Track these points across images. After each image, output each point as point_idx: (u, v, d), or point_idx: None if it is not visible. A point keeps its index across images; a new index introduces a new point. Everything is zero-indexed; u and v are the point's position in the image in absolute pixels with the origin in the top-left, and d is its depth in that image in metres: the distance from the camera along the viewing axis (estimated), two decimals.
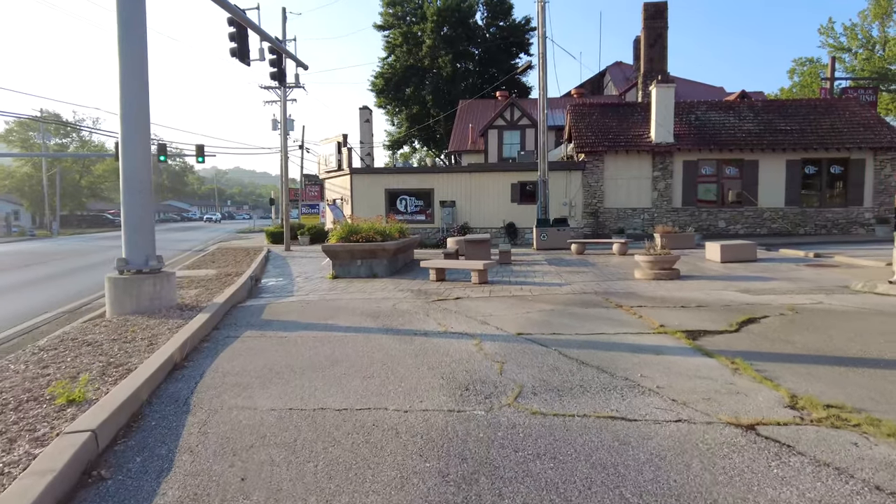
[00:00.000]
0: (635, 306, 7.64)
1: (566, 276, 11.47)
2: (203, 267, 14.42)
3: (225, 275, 12.18)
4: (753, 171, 20.96)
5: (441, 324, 6.76)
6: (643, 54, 28.13)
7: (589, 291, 9.25)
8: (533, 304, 8.03)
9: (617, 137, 21.51)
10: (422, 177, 22.32)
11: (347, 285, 11.02)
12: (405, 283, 11.02)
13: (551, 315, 7.14)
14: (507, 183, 21.51)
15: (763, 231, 20.93)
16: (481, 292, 9.50)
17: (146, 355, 5.14)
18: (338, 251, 12.73)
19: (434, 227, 21.76)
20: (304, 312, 7.73)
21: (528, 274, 11.90)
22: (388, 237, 13.64)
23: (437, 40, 40.92)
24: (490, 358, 5.20)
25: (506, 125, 28.82)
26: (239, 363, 5.22)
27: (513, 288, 9.89)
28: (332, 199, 24.66)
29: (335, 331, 6.45)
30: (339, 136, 24.22)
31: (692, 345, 5.51)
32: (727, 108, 22.95)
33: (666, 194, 21.08)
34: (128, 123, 7.43)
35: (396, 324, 6.79)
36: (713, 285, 9.65)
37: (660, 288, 9.46)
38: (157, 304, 7.31)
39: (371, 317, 7.28)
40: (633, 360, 5.04)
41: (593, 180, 21.18)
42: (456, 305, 8.17)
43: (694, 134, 21.43)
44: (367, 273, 12.81)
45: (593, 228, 21.10)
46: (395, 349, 5.57)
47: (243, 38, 12.10)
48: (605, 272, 11.89)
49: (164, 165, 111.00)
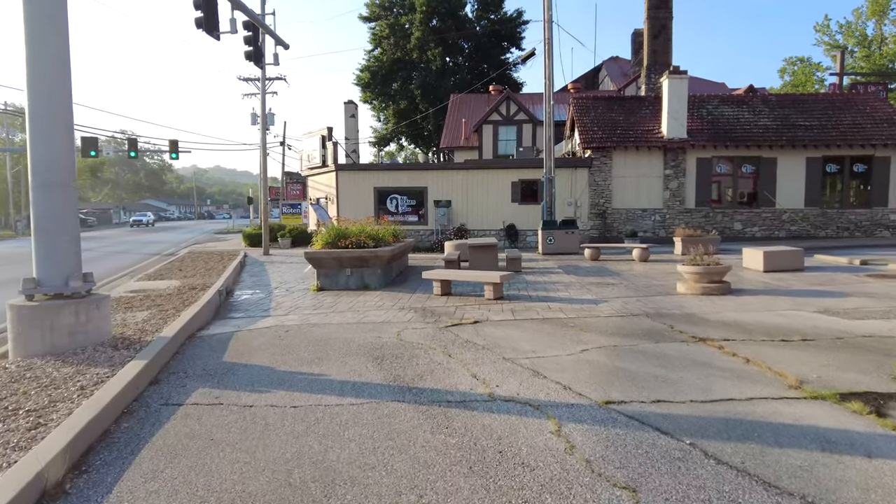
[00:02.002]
0: (719, 339, 5.88)
1: (594, 289, 9.76)
2: (166, 277, 12.44)
3: (189, 288, 10.25)
4: (771, 169, 19.50)
5: (476, 375, 4.82)
6: (646, 46, 26.56)
7: (637, 312, 7.53)
8: (580, 335, 6.25)
9: (626, 132, 19.90)
10: (414, 174, 20.48)
11: (335, 301, 9.18)
12: (405, 299, 9.22)
13: (619, 356, 5.32)
14: (507, 181, 19.78)
15: (781, 234, 19.50)
16: (502, 312, 7.73)
17: (12, 455, 3.17)
18: (323, 259, 10.88)
19: (428, 228, 19.96)
20: (282, 349, 5.84)
21: (548, 286, 10.17)
22: (382, 242, 11.82)
23: (425, 32, 39.09)
24: (601, 474, 3.04)
25: (501, 120, 27.12)
26: (165, 486, 3.05)
27: (537, 306, 8.14)
28: (315, 199, 22.70)
29: (325, 392, 4.49)
30: (324, 130, 22.26)
31: (891, 427, 3.57)
32: (740, 102, 21.49)
33: (678, 194, 19.53)
34: (38, 87, 5.40)
35: (411, 374, 4.89)
36: (779, 303, 8.00)
37: (719, 307, 7.78)
38: (82, 340, 5.38)
39: (373, 359, 5.40)
40: (839, 473, 3.01)
41: (601, 178, 19.55)
42: (478, 334, 6.38)
43: (707, 129, 19.92)
44: (358, 284, 10.98)
45: (600, 231, 19.47)
46: (426, 445, 3.46)
47: (211, 6, 10.16)
48: (637, 284, 10.20)
49: (141, 163, 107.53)
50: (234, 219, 64.64)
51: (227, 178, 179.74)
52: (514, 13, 43.15)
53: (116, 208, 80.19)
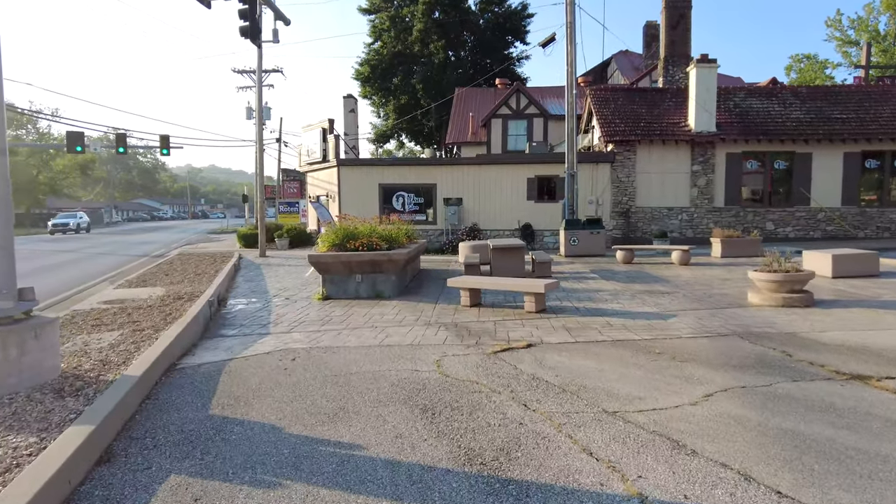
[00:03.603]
0: (875, 376, 4.45)
1: (647, 298, 8.36)
2: (150, 283, 10.97)
3: (175, 297, 8.79)
4: (806, 165, 18.17)
5: (590, 450, 3.14)
6: (663, 37, 25.18)
7: (723, 331, 6.12)
8: (681, 368, 4.77)
9: (650, 125, 18.53)
10: (422, 170, 19.02)
11: (346, 313, 7.76)
12: (427, 310, 7.80)
13: (765, 406, 3.82)
14: (523, 177, 18.35)
15: (816, 234, 18.17)
16: (554, 331, 6.32)
17: None
18: (330, 263, 9.46)
19: (437, 228, 18.52)
20: (290, 392, 4.34)
21: (591, 295, 8.76)
22: (395, 243, 10.41)
23: (428, 24, 37.62)
24: None
25: (511, 114, 25.70)
26: None
27: (593, 322, 6.73)
28: (315, 196, 21.23)
29: (367, 490, 2.79)
30: (325, 122, 20.76)
31: None
32: (768, 94, 20.15)
33: (707, 191, 18.16)
34: None
35: (488, 446, 3.22)
36: (886, 318, 6.63)
37: (816, 323, 6.40)
38: (12, 382, 3.90)
39: (420, 411, 3.84)
40: None
41: (624, 175, 18.17)
42: (542, 365, 4.96)
43: (737, 122, 18.57)
44: (370, 292, 9.57)
45: (623, 231, 18.09)
46: None
47: None
48: (695, 292, 8.81)
49: (134, 162, 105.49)
50: (228, 218, 63.02)
51: (222, 177, 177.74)
52: (519, 6, 41.72)
53: (108, 208, 78.28)
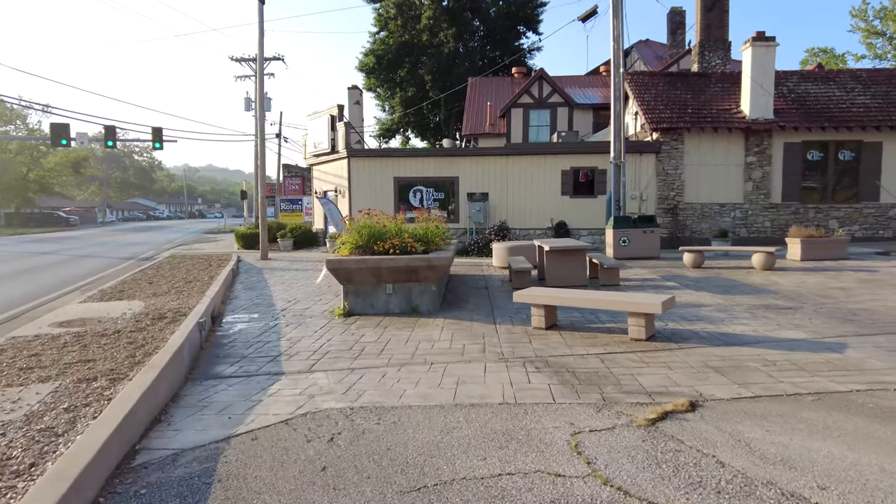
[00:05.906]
0: None
1: (773, 317, 6.35)
2: (128, 294, 8.91)
3: (155, 316, 6.76)
4: (875, 155, 16.19)
5: None
6: (698, 20, 23.17)
7: None
8: None
9: (698, 112, 16.52)
10: (443, 161, 16.98)
11: (381, 338, 5.74)
12: (490, 335, 5.79)
13: None
14: (556, 169, 16.34)
15: (887, 234, 16.19)
16: (697, 374, 4.32)
17: None
18: (353, 270, 7.45)
19: (459, 227, 16.49)
20: None
21: (696, 312, 6.74)
22: (431, 245, 8.41)
23: (437, 11, 35.56)
24: None
25: (533, 103, 23.67)
26: None
27: (738, 356, 4.72)
28: (322, 192, 19.18)
29: None
30: (333, 108, 18.67)
31: None
32: (825, 78, 18.17)
33: (763, 186, 16.16)
34: None
35: None
36: None
37: None
38: None
39: None
40: None
41: (670, 167, 16.16)
42: (755, 456, 2.97)
43: (794, 109, 16.58)
44: (403, 307, 7.57)
45: (671, 230, 16.07)
46: None
47: None
48: (825, 307, 6.79)
49: (130, 161, 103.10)
50: (225, 218, 60.80)
51: (220, 176, 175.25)
52: None
53: (102, 207, 75.98)
